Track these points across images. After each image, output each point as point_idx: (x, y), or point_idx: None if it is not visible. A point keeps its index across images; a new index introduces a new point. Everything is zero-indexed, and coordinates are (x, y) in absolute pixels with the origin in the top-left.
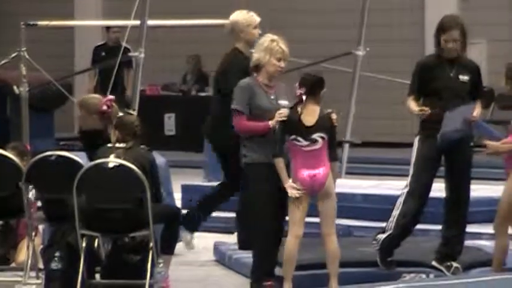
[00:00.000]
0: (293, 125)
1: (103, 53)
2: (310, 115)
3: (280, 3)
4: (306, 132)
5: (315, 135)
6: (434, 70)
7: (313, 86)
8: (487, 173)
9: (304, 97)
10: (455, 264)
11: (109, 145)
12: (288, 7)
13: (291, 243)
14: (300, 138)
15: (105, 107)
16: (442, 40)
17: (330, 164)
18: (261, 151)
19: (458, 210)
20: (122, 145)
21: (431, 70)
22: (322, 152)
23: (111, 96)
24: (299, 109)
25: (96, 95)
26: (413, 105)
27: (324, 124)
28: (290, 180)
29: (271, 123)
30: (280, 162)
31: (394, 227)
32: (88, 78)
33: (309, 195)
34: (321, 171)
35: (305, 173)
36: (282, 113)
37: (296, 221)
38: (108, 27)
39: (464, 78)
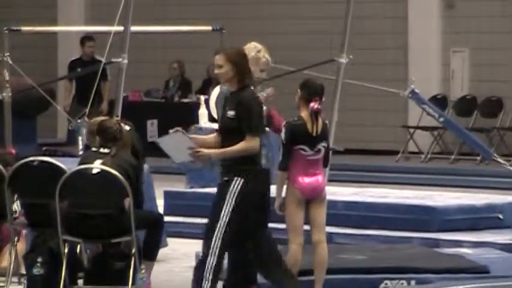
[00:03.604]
0: (303, 136)
1: (78, 69)
2: (318, 125)
3: (263, 11)
4: (313, 142)
5: (320, 145)
6: None
7: (322, 96)
8: (471, 181)
9: (320, 107)
10: None
11: (93, 149)
12: (271, 14)
13: (296, 252)
14: (306, 148)
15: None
16: None
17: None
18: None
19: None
20: (105, 150)
21: None
22: (321, 160)
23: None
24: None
25: (113, 121)
26: None
27: (326, 133)
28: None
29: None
30: (283, 176)
31: None
32: (64, 92)
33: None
34: (319, 178)
35: (306, 180)
36: None
37: (297, 229)
38: (82, 42)
39: (229, 113)
